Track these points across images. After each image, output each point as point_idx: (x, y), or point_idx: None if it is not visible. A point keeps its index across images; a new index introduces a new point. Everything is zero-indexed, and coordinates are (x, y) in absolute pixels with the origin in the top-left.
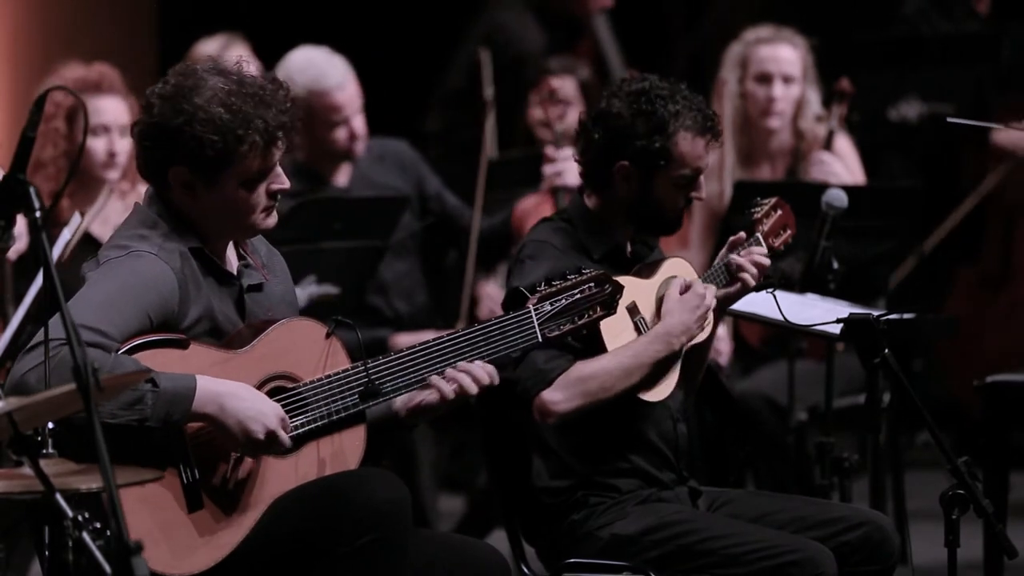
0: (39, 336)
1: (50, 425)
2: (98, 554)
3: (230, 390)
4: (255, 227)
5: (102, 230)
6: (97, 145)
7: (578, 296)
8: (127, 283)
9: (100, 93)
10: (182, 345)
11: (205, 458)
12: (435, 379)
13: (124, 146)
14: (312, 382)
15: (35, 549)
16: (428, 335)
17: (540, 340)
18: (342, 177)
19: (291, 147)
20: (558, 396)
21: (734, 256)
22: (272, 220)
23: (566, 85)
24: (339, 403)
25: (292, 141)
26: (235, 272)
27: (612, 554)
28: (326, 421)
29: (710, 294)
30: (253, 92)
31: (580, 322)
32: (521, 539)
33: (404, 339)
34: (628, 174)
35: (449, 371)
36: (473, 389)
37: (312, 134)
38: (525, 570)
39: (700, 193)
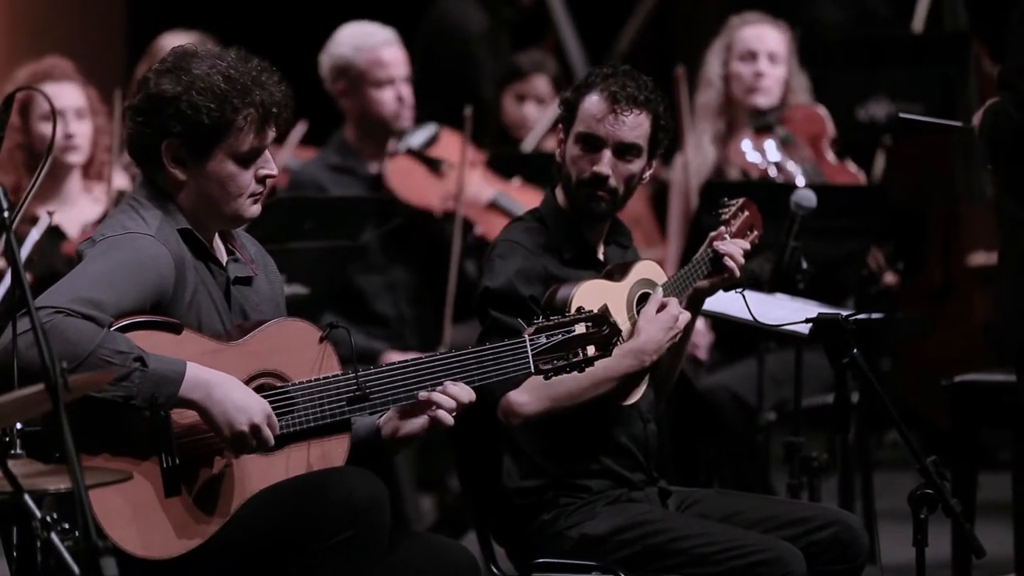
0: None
1: (18, 426)
2: (66, 555)
3: (219, 380)
4: (240, 213)
5: (65, 220)
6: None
7: (575, 333)
8: (125, 261)
9: (51, 80)
10: (175, 330)
11: (188, 447)
12: (423, 397)
13: (82, 129)
14: (301, 383)
15: (3, 550)
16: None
17: (533, 371)
18: (375, 165)
19: (280, 136)
20: (524, 399)
21: (720, 244)
22: (257, 208)
23: (540, 83)
24: (326, 407)
25: (283, 129)
26: (221, 263)
27: (582, 554)
28: (311, 424)
29: (684, 316)
30: (251, 69)
31: (574, 360)
32: (491, 539)
33: (396, 356)
34: (559, 139)
35: (435, 395)
36: (450, 407)
37: (360, 100)
38: (495, 570)
39: (600, 167)
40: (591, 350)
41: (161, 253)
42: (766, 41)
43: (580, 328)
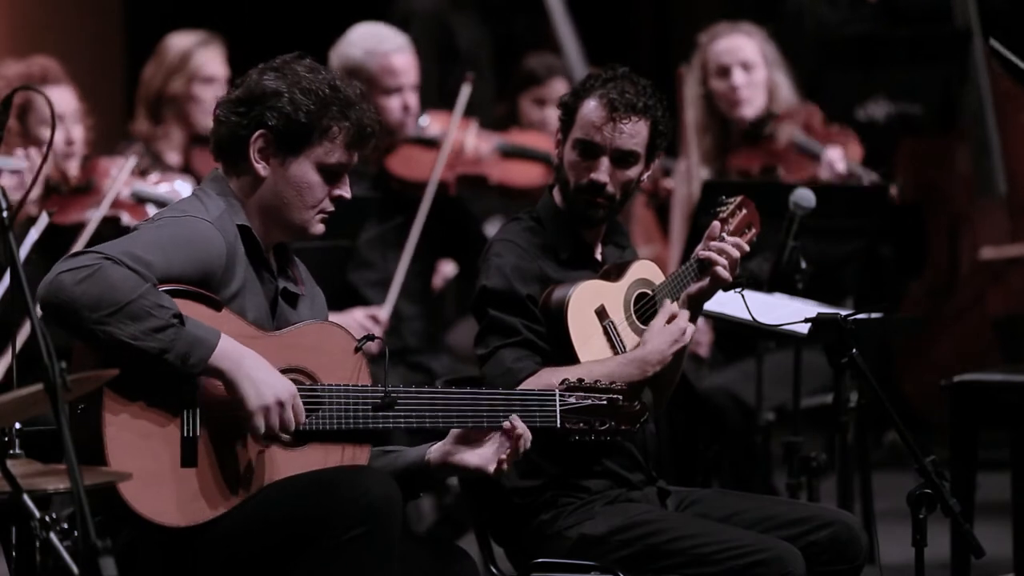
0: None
1: (17, 425)
2: (66, 555)
3: (250, 355)
4: (307, 225)
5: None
6: (55, 137)
7: (604, 403)
8: (179, 235)
9: (46, 84)
10: (216, 306)
11: (212, 422)
12: (508, 426)
13: (78, 134)
14: (330, 385)
15: (2, 550)
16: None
17: (558, 426)
18: (374, 165)
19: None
20: None
21: (700, 250)
22: (321, 228)
23: (559, 87)
24: (351, 412)
25: (368, 155)
26: (274, 273)
27: (580, 554)
28: (334, 427)
29: (690, 329)
30: (355, 88)
31: (599, 428)
32: (490, 539)
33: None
34: (557, 141)
35: (507, 426)
36: (522, 451)
37: None
38: (494, 570)
39: (597, 174)
40: (618, 424)
41: (215, 237)
42: (736, 52)
43: (611, 400)
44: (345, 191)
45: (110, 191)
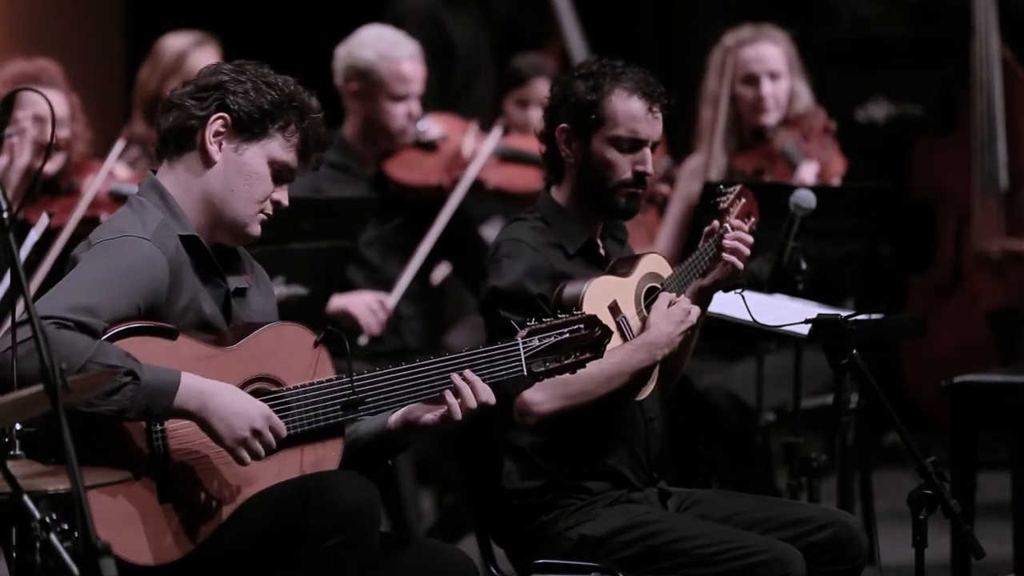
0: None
1: (17, 426)
2: (66, 556)
3: (214, 389)
4: (248, 222)
5: None
6: (41, 137)
7: (567, 336)
8: (119, 266)
9: (39, 85)
10: (170, 335)
11: (181, 453)
12: (446, 393)
13: (62, 136)
14: (296, 387)
15: (2, 550)
16: None
17: (525, 374)
18: (373, 166)
19: (302, 171)
20: (540, 397)
21: (727, 241)
22: (259, 230)
23: (541, 87)
24: (320, 411)
25: (308, 168)
26: (222, 274)
27: (581, 555)
28: (306, 428)
29: (695, 310)
30: (315, 100)
31: (566, 362)
32: (491, 540)
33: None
34: (569, 137)
35: (456, 379)
36: (473, 403)
37: (371, 107)
38: (494, 571)
39: (646, 166)
40: (584, 353)
41: (155, 256)
42: (766, 62)
43: (572, 331)
44: (284, 198)
45: (88, 191)
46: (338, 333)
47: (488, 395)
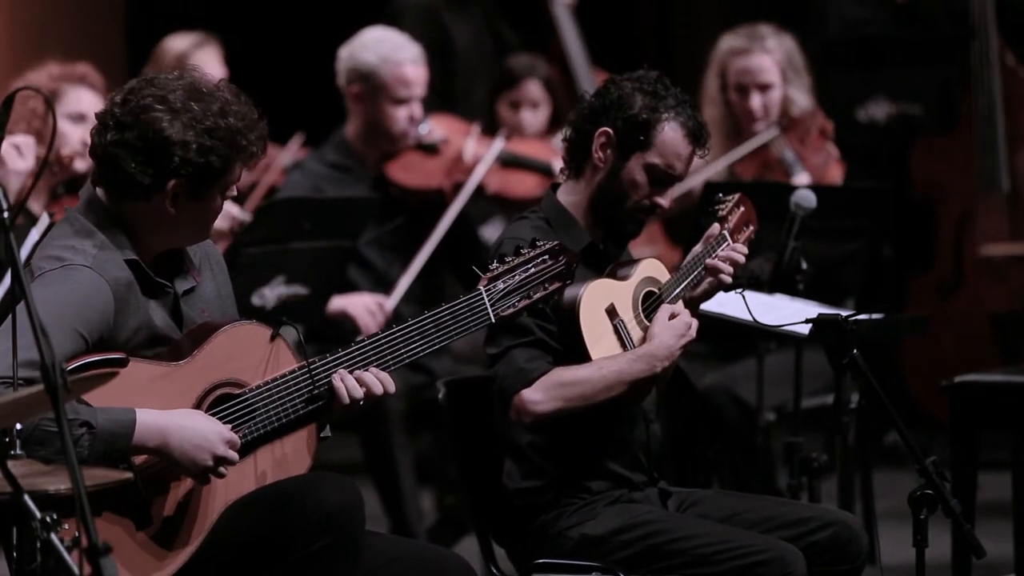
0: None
1: (18, 426)
2: (66, 555)
3: (172, 421)
4: (207, 236)
5: None
6: (74, 133)
7: (532, 271)
8: (62, 299)
9: (83, 85)
10: (121, 364)
11: (152, 476)
12: (336, 383)
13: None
14: (258, 387)
15: (3, 550)
16: None
17: (493, 320)
18: (373, 167)
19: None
20: (537, 396)
21: (709, 260)
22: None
23: (532, 88)
24: (287, 406)
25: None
26: (168, 281)
27: (582, 554)
28: (274, 426)
29: (695, 324)
30: (242, 106)
31: (536, 296)
32: (491, 540)
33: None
34: (607, 142)
35: (349, 380)
36: (359, 395)
37: (373, 110)
38: (495, 570)
39: (664, 201)
40: (553, 284)
41: (97, 283)
42: (755, 75)
43: (537, 264)
44: (232, 190)
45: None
46: (292, 325)
47: (385, 386)
